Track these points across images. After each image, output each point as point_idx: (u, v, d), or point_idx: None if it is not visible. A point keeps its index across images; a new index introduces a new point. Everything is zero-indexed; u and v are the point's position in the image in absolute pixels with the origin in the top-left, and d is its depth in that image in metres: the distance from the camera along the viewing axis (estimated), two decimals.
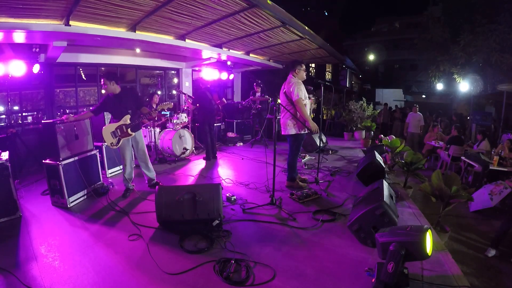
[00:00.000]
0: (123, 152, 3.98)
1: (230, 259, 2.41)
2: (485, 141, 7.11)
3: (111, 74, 3.84)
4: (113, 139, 3.80)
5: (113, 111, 3.94)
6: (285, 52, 7.94)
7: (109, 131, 3.79)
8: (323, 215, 3.32)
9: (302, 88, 3.94)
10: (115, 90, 3.84)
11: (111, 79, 3.79)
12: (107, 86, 3.79)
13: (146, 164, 4.18)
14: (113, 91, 3.84)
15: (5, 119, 5.36)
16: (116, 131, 3.82)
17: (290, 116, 3.94)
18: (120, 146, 3.89)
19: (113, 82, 3.79)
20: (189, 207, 2.93)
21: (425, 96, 21.14)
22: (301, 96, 3.87)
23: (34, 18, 3.86)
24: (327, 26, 18.30)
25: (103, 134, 3.79)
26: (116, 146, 3.84)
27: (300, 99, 3.86)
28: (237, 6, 4.34)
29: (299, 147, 4.19)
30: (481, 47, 9.18)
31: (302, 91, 3.91)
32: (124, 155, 3.99)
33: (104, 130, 3.79)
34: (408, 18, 26.69)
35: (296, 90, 3.87)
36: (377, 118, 11.02)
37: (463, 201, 3.33)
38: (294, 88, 3.88)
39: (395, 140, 5.75)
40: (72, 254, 2.58)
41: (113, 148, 3.88)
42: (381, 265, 1.99)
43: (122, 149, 3.97)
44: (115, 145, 3.83)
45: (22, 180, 4.55)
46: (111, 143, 3.81)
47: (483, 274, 3.18)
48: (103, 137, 3.80)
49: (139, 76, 7.71)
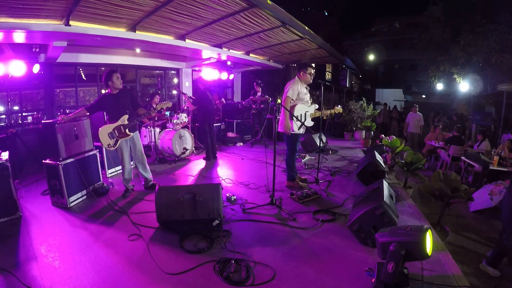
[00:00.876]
0: (121, 153, 3.94)
1: (230, 259, 2.41)
2: (485, 141, 7.12)
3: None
4: (111, 140, 3.75)
5: (110, 111, 3.85)
6: (285, 52, 7.95)
7: (106, 132, 3.73)
8: (323, 215, 3.32)
9: (296, 88, 3.93)
10: (119, 86, 3.80)
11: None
12: (115, 82, 3.75)
13: (144, 165, 4.15)
14: (118, 87, 3.79)
15: (5, 119, 5.36)
16: (114, 132, 3.77)
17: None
18: (118, 147, 3.85)
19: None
20: (189, 207, 2.93)
21: (425, 96, 21.14)
22: (289, 95, 3.88)
23: (34, 18, 3.86)
24: (327, 26, 18.29)
25: (99, 136, 3.71)
26: (114, 147, 3.79)
27: (287, 98, 3.88)
28: (237, 6, 4.34)
29: (294, 146, 4.18)
30: (481, 47, 9.18)
31: (294, 90, 3.91)
32: (122, 156, 3.95)
33: (100, 132, 3.72)
34: (408, 18, 26.67)
35: (288, 89, 3.89)
36: (377, 118, 11.02)
37: (463, 201, 3.32)
38: (288, 87, 3.91)
39: (395, 140, 5.75)
40: (72, 254, 2.58)
41: (110, 149, 3.82)
42: (381, 265, 1.99)
43: (120, 150, 3.92)
44: (113, 146, 3.78)
45: (22, 180, 4.54)
46: (108, 145, 3.75)
47: (483, 274, 3.18)
48: (100, 139, 3.72)
49: (139, 76, 7.71)
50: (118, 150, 3.93)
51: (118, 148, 3.87)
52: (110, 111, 3.85)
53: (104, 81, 3.79)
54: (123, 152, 3.94)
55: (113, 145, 3.78)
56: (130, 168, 4.08)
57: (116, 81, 3.76)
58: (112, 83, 3.75)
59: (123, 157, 3.96)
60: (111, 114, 3.85)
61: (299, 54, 8.26)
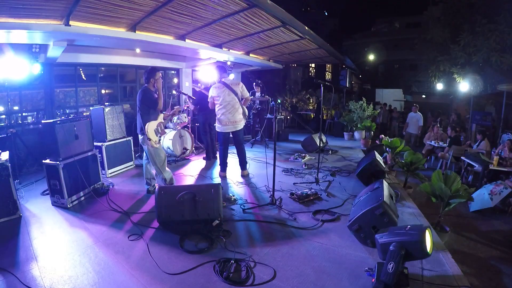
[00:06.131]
0: (160, 151, 3.75)
1: (230, 259, 2.41)
2: (485, 141, 7.11)
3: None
4: (156, 137, 3.65)
5: (154, 107, 3.72)
6: (285, 52, 7.95)
7: (152, 128, 3.62)
8: (323, 215, 3.32)
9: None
10: (160, 86, 3.73)
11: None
12: (157, 80, 3.67)
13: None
14: (158, 87, 3.70)
15: (5, 119, 5.35)
16: (158, 129, 3.68)
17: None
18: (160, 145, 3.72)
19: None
20: (189, 207, 2.93)
21: (425, 96, 21.12)
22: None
23: (34, 18, 3.85)
24: (327, 26, 18.29)
25: (148, 131, 3.55)
26: (158, 145, 3.66)
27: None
28: (237, 6, 4.34)
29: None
30: (481, 47, 9.19)
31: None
32: (161, 154, 3.77)
33: (149, 127, 3.57)
34: (408, 18, 26.67)
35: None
36: (377, 118, 11.02)
37: (463, 201, 3.32)
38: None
39: (395, 140, 5.75)
40: (72, 254, 2.58)
41: (156, 147, 3.65)
42: (381, 265, 1.99)
43: (160, 149, 3.77)
44: (157, 143, 3.65)
45: (22, 180, 4.54)
46: (155, 141, 3.61)
47: (483, 274, 3.18)
48: (148, 136, 3.56)
49: (139, 76, 7.70)
50: (158, 149, 3.76)
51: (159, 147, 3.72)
52: (154, 107, 3.73)
53: (147, 77, 3.70)
54: (161, 151, 3.78)
55: (158, 142, 3.66)
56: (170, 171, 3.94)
57: (158, 79, 3.70)
58: (153, 80, 3.68)
59: (163, 155, 3.78)
60: (154, 110, 3.74)
61: (299, 54, 8.27)
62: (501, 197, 4.72)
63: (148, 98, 3.67)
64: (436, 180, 3.37)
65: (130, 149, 5.28)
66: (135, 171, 5.19)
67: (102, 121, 4.72)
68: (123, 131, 5.15)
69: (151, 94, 3.70)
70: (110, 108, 4.83)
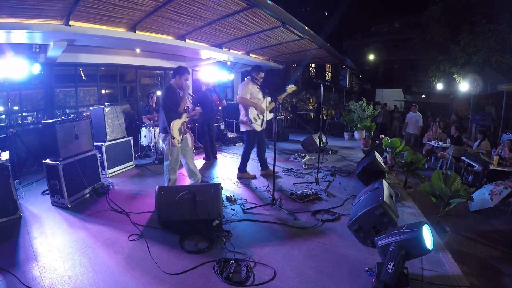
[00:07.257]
0: (177, 151, 3.69)
1: (230, 259, 2.41)
2: (485, 141, 7.11)
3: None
4: (179, 136, 3.58)
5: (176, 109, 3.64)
6: (285, 52, 7.95)
7: (177, 127, 3.56)
8: (323, 215, 3.32)
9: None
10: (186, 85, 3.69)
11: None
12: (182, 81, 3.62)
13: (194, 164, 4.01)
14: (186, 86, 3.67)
15: (5, 119, 5.35)
16: (181, 128, 3.62)
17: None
18: (182, 144, 3.65)
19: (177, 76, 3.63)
20: (189, 207, 2.93)
21: (425, 96, 21.12)
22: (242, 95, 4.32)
23: (34, 18, 3.86)
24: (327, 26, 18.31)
25: (173, 130, 3.47)
26: (179, 144, 3.58)
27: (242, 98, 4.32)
28: (237, 6, 4.35)
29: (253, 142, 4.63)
30: (481, 47, 9.19)
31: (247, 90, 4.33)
32: (177, 154, 3.72)
33: (174, 125, 3.50)
34: (408, 18, 26.66)
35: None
36: (377, 118, 11.02)
37: (463, 201, 3.32)
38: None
39: (395, 140, 5.75)
40: (72, 254, 2.58)
41: (177, 146, 3.57)
42: (381, 265, 1.99)
43: (183, 148, 3.75)
44: (180, 143, 3.57)
45: (22, 180, 4.54)
46: (178, 141, 3.54)
47: (483, 274, 3.18)
48: (173, 133, 3.47)
49: (139, 76, 7.70)
50: (181, 149, 3.71)
51: (181, 145, 3.66)
52: (176, 109, 3.63)
53: (173, 73, 3.64)
54: (179, 151, 3.73)
55: (181, 141, 3.59)
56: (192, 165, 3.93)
57: (184, 81, 3.63)
58: (179, 79, 3.60)
59: (177, 156, 3.72)
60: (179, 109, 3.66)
61: (299, 54, 8.27)
62: (501, 197, 4.71)
63: (170, 97, 3.56)
64: (436, 180, 3.37)
65: (130, 149, 5.28)
66: (135, 171, 5.19)
67: (102, 121, 4.72)
68: (123, 131, 5.15)
69: (174, 93, 3.59)
70: (110, 108, 4.83)
